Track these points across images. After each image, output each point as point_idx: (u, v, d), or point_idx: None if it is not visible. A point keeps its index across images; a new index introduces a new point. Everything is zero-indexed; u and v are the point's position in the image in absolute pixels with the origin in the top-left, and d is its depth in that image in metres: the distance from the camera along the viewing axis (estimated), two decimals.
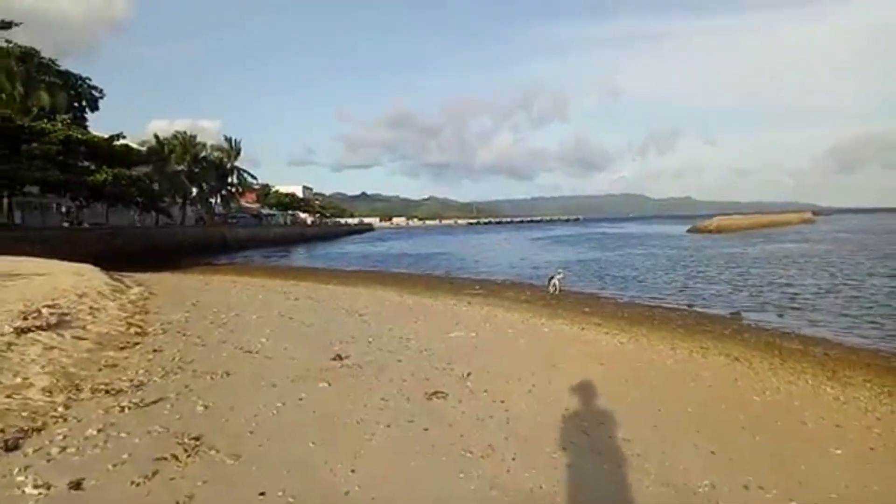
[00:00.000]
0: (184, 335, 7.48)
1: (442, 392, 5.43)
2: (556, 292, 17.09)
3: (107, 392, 4.64)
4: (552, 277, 18.02)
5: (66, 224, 38.95)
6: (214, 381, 5.41)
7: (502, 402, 5.36)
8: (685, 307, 14.94)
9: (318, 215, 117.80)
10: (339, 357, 6.66)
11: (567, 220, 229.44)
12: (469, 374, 6.32)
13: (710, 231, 66.81)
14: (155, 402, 4.53)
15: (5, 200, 32.49)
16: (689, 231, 70.37)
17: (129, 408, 4.33)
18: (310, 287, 17.07)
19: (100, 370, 5.37)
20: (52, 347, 5.76)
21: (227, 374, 5.61)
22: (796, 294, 16.61)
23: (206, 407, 4.52)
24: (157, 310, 9.54)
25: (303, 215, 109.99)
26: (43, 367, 5.07)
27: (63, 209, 42.01)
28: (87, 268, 14.49)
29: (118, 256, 30.40)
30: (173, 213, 57.46)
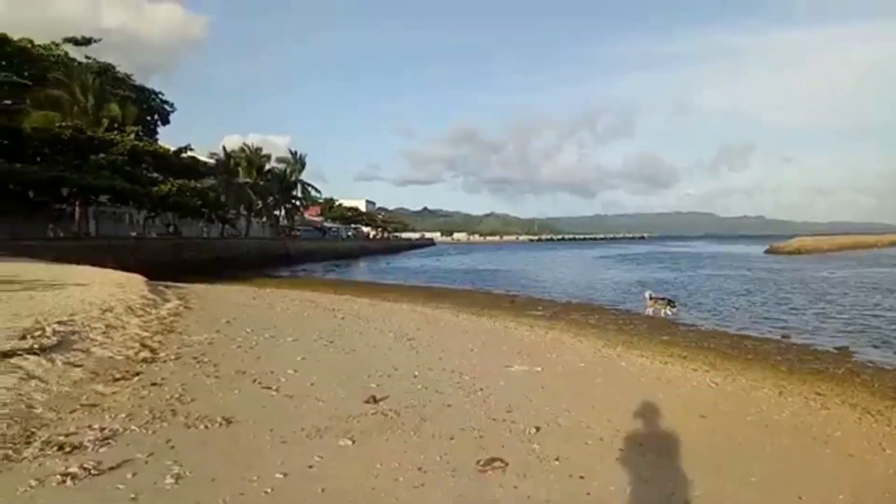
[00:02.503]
0: (199, 362, 6.43)
1: (500, 461, 4.08)
2: (669, 318, 15.95)
3: (60, 448, 3.56)
4: (663, 300, 16.61)
5: (133, 234, 39.83)
6: (208, 431, 4.26)
7: (581, 477, 3.97)
8: (779, 338, 13.05)
9: (380, 229, 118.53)
10: (373, 399, 5.41)
11: (632, 238, 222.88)
12: (537, 430, 4.95)
13: (790, 252, 62.61)
14: (115, 468, 3.40)
15: (77, 209, 33.33)
16: (766, 252, 66.20)
17: (76, 477, 3.21)
18: (362, 304, 16.04)
19: (74, 411, 4.32)
20: (32, 377, 4.79)
21: (228, 423, 4.45)
22: None
23: (178, 478, 3.34)
24: (185, 328, 8.60)
25: (365, 229, 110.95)
26: (3, 404, 4.07)
27: (136, 219, 43.11)
28: (132, 278, 13.96)
29: (182, 266, 30.76)
30: (239, 224, 58.53)
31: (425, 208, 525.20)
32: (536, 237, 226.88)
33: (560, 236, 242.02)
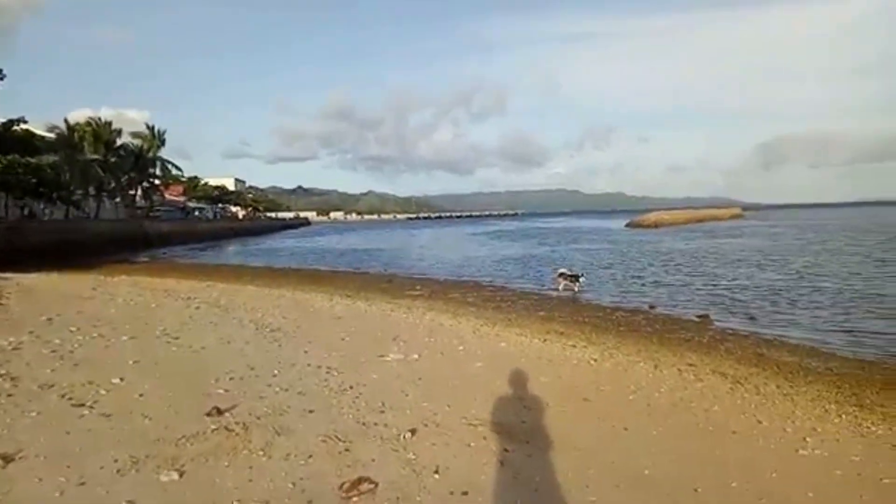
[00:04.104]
0: None
1: (369, 481, 3.37)
2: (578, 293, 15.75)
3: None
4: (573, 276, 16.41)
5: None
6: None
7: (464, 494, 3.37)
8: (646, 308, 13.48)
9: (250, 209, 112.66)
10: (216, 410, 4.47)
11: (506, 215, 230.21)
12: (412, 433, 4.30)
13: (648, 226, 67.14)
14: None
15: None
16: (627, 226, 70.58)
17: None
18: (224, 290, 14.62)
19: None
20: None
21: (6, 461, 3.37)
22: (756, 292, 15.43)
23: None
24: None
25: (234, 209, 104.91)
26: None
27: None
28: None
29: (15, 254, 27.00)
30: (88, 205, 52.68)
31: (300, 187, 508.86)
32: (415, 215, 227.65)
33: (437, 214, 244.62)
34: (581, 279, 16.24)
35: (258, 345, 7.53)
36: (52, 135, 49.79)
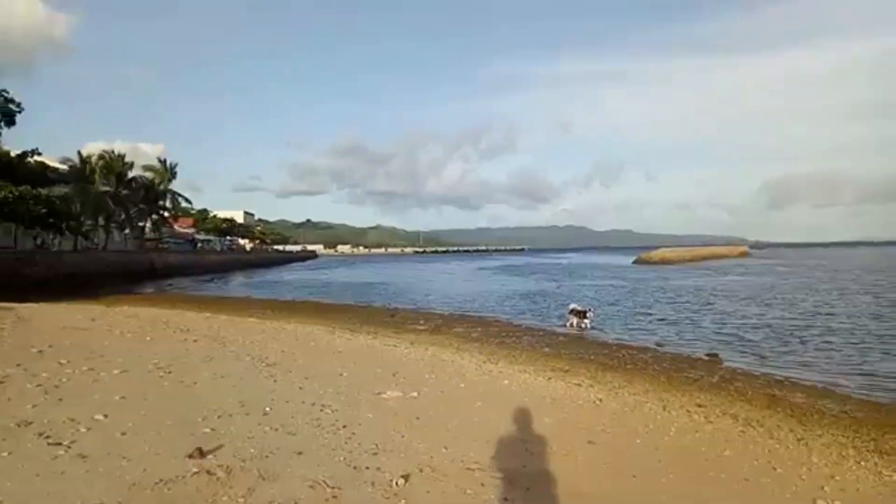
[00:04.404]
0: None
1: None
2: (586, 330, 15.53)
3: None
4: (581, 312, 16.23)
5: None
6: None
7: None
8: (654, 347, 13.20)
9: (258, 241, 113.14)
10: (199, 452, 4.24)
11: (513, 251, 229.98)
12: (405, 479, 4.06)
13: (655, 263, 66.87)
14: None
15: None
16: (634, 262, 70.25)
17: None
18: (224, 322, 14.42)
19: None
20: None
21: None
22: (765, 331, 15.10)
23: None
24: None
25: (242, 241, 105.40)
26: None
27: None
28: None
29: (22, 284, 27.11)
30: (97, 237, 52.98)
31: (308, 220, 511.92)
32: (422, 249, 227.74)
33: (445, 249, 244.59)
34: (589, 314, 16.00)
35: (252, 380, 7.30)
36: (65, 167, 50.46)
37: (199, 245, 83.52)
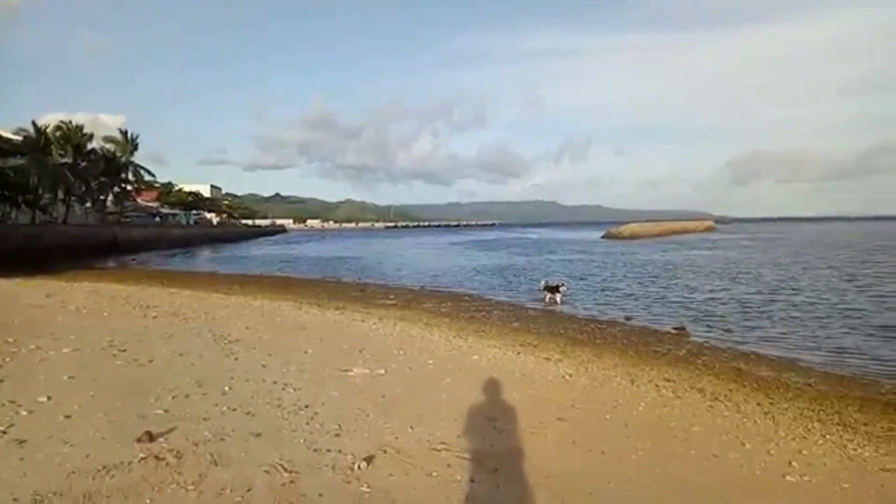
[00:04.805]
0: None
1: None
2: (558, 304, 15.47)
3: None
4: (553, 287, 16.15)
5: None
6: None
7: None
8: (622, 320, 13.27)
9: (225, 215, 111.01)
10: (149, 436, 3.99)
11: (484, 225, 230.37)
12: (368, 462, 3.88)
13: (624, 237, 67.53)
14: None
15: None
16: (603, 237, 70.88)
17: None
18: (188, 298, 14.00)
19: None
20: None
21: None
22: (731, 305, 15.31)
23: None
24: None
25: (209, 215, 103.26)
26: None
27: None
28: None
29: None
30: (56, 210, 51.25)
31: (277, 194, 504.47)
32: (392, 224, 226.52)
33: (416, 223, 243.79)
34: (562, 288, 16.01)
35: (212, 358, 7.02)
36: (18, 137, 48.37)
37: (164, 219, 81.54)
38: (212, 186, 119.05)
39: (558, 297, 15.83)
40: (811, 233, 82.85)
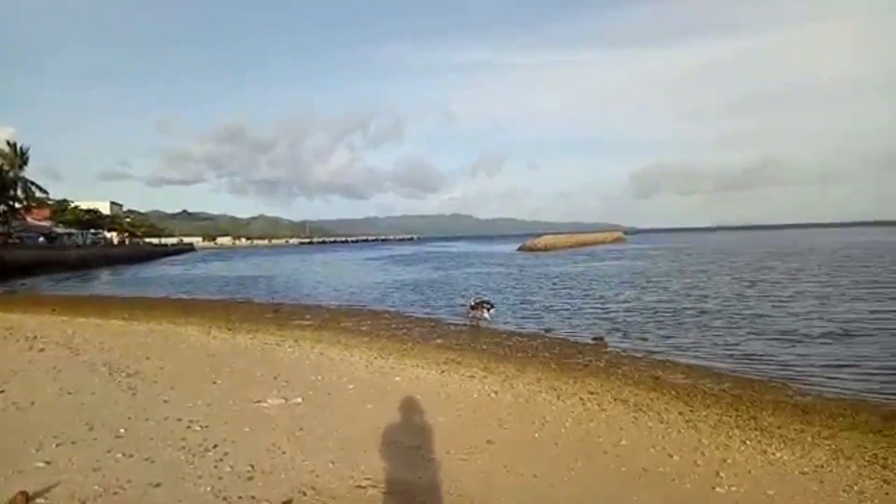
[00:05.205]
0: None
1: None
2: (487, 324, 14.89)
3: None
4: (479, 307, 15.67)
5: None
6: None
7: None
8: (542, 332, 13.37)
9: (127, 234, 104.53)
10: (24, 497, 3.39)
11: (402, 240, 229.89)
12: None
13: (539, 249, 69.25)
14: None
15: None
16: (519, 249, 72.36)
17: None
18: (81, 326, 12.85)
19: None
20: None
21: None
22: (643, 314, 15.83)
23: None
24: None
25: (109, 234, 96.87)
26: None
27: None
28: None
29: None
30: None
31: (185, 211, 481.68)
32: (308, 240, 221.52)
33: (332, 239, 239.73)
34: (489, 313, 15.60)
35: (107, 395, 6.32)
36: None
37: (58, 239, 75.70)
38: (112, 203, 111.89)
39: (486, 314, 15.52)
40: (711, 241, 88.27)
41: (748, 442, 5.59)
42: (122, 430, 4.97)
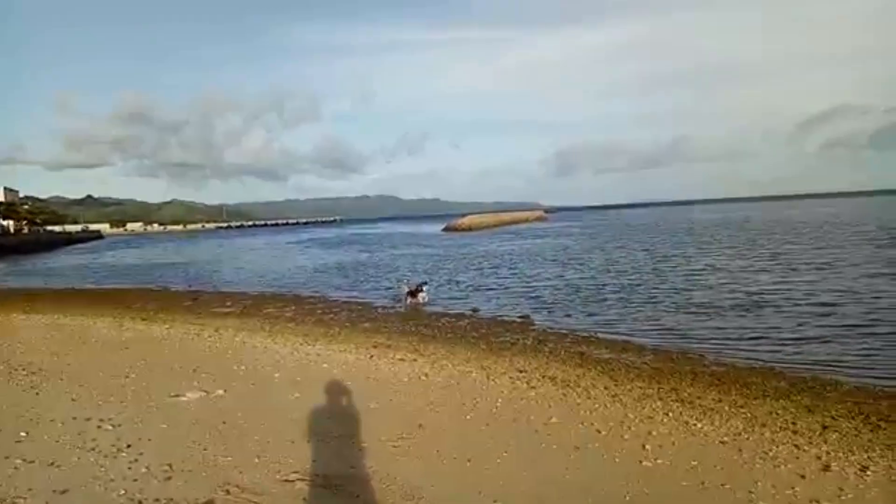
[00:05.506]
0: None
1: None
2: (422, 307, 14.53)
3: None
4: (413, 290, 15.27)
5: None
6: None
7: None
8: (470, 313, 13.45)
9: (25, 222, 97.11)
10: None
11: (324, 222, 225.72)
12: None
13: (463, 229, 69.82)
14: None
15: None
16: (444, 230, 72.69)
17: None
18: None
19: None
20: None
21: None
22: (566, 290, 16.23)
23: None
24: None
25: (5, 223, 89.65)
26: None
27: None
28: None
29: None
30: None
31: (89, 196, 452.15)
32: (226, 224, 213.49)
33: (252, 222, 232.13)
34: (423, 294, 15.29)
35: (6, 396, 5.79)
36: None
37: None
38: (6, 189, 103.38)
39: (421, 298, 15.16)
40: (628, 217, 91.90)
41: (670, 413, 5.79)
42: (22, 434, 4.55)
